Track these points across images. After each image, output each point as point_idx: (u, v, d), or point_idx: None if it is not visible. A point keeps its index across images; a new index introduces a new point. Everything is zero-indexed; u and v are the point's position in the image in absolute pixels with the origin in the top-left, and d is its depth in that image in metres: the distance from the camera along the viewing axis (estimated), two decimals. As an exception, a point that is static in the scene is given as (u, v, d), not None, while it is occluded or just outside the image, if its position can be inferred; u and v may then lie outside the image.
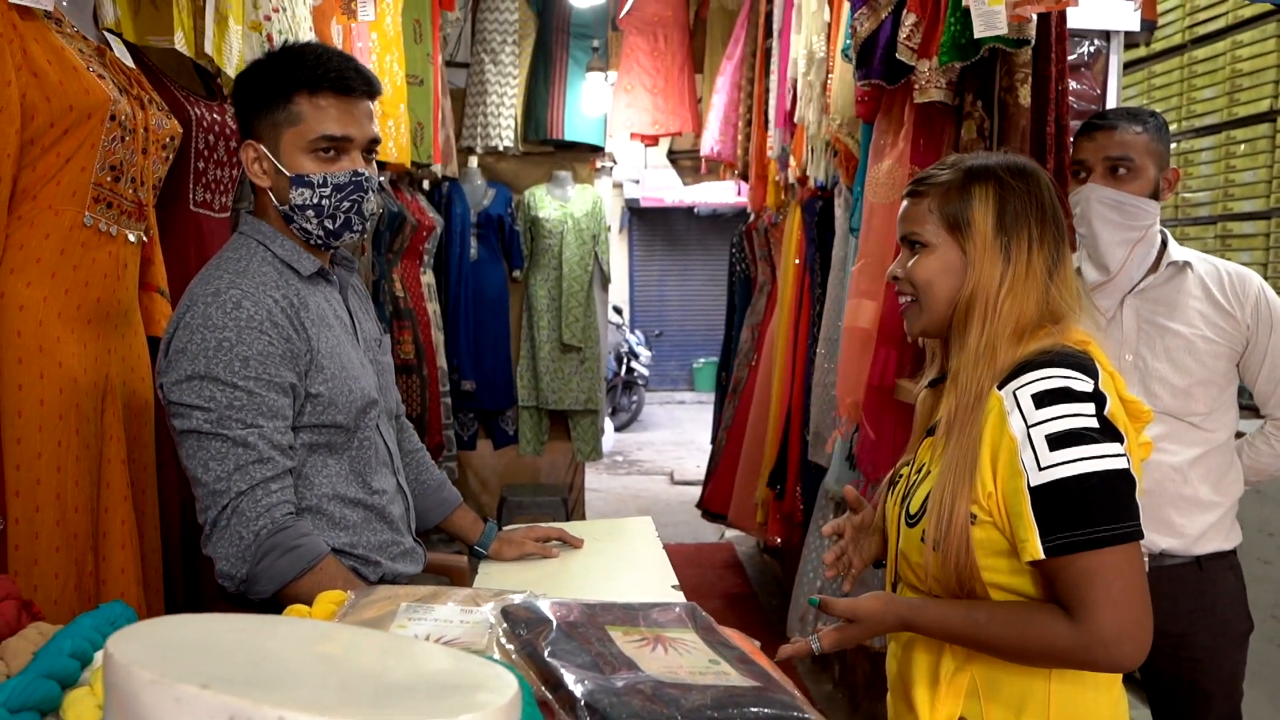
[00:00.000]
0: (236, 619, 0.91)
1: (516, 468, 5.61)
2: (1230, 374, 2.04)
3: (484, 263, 5.32)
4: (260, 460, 1.46)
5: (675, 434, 11.05)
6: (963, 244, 1.35)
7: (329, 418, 1.56)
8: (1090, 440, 1.19)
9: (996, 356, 1.30)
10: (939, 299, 1.37)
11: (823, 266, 3.56)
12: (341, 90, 1.55)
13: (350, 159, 1.58)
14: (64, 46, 1.59)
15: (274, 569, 1.46)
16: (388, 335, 1.83)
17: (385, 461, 1.68)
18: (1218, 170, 4.13)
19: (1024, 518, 1.21)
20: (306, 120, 1.54)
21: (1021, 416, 1.22)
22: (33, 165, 1.57)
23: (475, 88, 5.25)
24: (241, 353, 1.46)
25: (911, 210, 1.41)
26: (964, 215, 1.35)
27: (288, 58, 1.57)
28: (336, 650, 0.77)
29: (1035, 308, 1.32)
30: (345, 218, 1.59)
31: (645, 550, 2.01)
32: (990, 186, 1.35)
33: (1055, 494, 1.19)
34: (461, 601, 1.16)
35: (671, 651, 1.05)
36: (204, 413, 1.45)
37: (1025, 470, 1.21)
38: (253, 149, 1.58)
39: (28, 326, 1.56)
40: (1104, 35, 2.93)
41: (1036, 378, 1.24)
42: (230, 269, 1.53)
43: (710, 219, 13.63)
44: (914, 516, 1.36)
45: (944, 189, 1.37)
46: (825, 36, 3.20)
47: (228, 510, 1.45)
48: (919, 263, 1.39)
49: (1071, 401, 1.21)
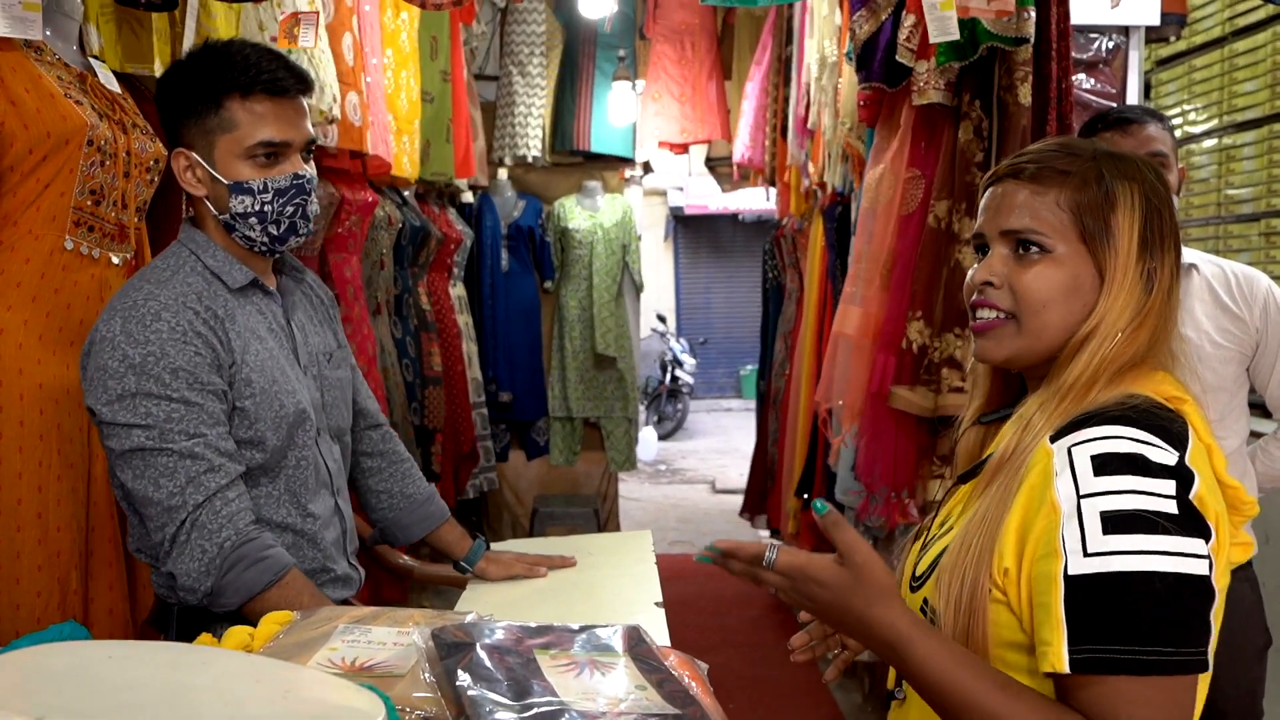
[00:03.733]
0: (122, 647, 0.91)
1: (549, 478, 5.62)
2: (1240, 379, 1.96)
3: (515, 274, 5.35)
4: (212, 469, 1.43)
5: (720, 442, 11.00)
6: (1100, 260, 1.05)
7: (255, 433, 1.50)
8: (1161, 529, 0.90)
9: (1079, 400, 1.02)
10: (1053, 325, 1.06)
11: (843, 273, 3.51)
12: (276, 92, 1.48)
13: (290, 162, 1.51)
14: (41, 74, 1.63)
15: (240, 581, 1.43)
16: (345, 348, 1.77)
17: (325, 482, 1.63)
18: (1260, 166, 4.00)
19: (1051, 613, 0.93)
20: (241, 126, 1.48)
21: (1073, 480, 0.94)
22: (12, 191, 1.60)
23: (504, 100, 5.29)
24: (169, 364, 1.42)
25: (1026, 200, 1.08)
26: (1105, 222, 1.05)
27: (213, 58, 1.49)
28: (206, 680, 0.77)
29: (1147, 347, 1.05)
30: (290, 222, 1.53)
31: (636, 566, 1.98)
32: (1137, 190, 1.06)
33: (1100, 590, 0.90)
34: (398, 623, 1.15)
35: (596, 675, 1.02)
36: (144, 430, 1.41)
37: (1065, 551, 0.92)
38: (184, 157, 1.51)
39: (7, 350, 1.59)
40: (1123, 31, 2.86)
41: (1102, 434, 0.96)
42: (152, 279, 1.48)
43: (755, 225, 13.56)
44: (918, 579, 1.10)
45: (1078, 182, 1.07)
46: (836, 40, 3.16)
47: (186, 525, 1.42)
48: (1038, 273, 1.06)
49: (1144, 474, 0.92)
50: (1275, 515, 2.65)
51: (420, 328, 4.23)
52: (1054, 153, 1.10)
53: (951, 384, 2.26)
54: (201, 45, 1.55)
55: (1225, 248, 3.98)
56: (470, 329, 4.93)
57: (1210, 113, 4.19)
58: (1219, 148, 4.12)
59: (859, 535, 1.00)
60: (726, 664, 4.08)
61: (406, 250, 4.04)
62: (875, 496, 2.31)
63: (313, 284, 1.75)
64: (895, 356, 2.21)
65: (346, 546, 1.69)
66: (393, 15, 3.52)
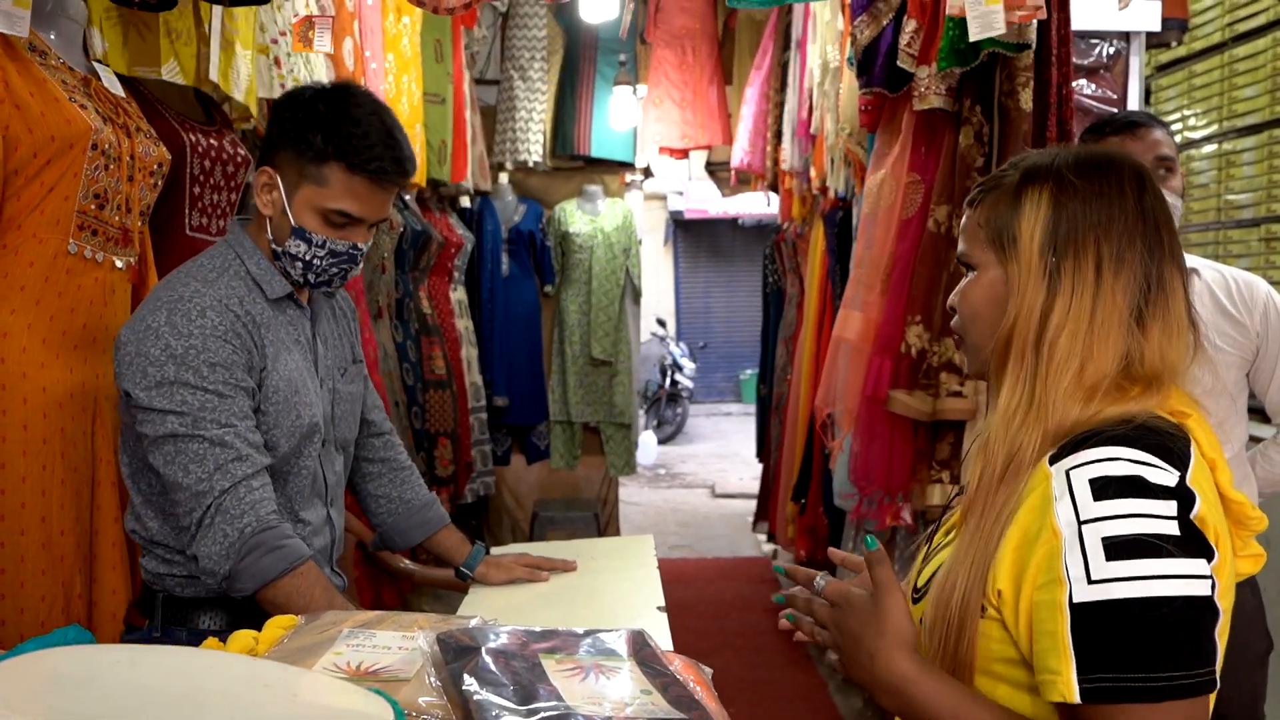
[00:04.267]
0: (131, 651, 0.91)
1: (549, 482, 5.62)
2: (1241, 384, 1.97)
3: (515, 278, 5.35)
4: (239, 458, 1.48)
5: (720, 446, 11.00)
6: (1005, 264, 1.07)
7: (270, 438, 1.56)
8: (1164, 553, 0.90)
9: (1048, 417, 1.00)
10: (982, 334, 1.10)
11: (843, 277, 3.52)
12: (376, 179, 1.55)
13: (356, 232, 1.59)
14: (46, 78, 1.63)
15: (256, 567, 1.47)
16: (360, 363, 1.81)
17: (319, 492, 1.68)
18: (1261, 171, 4.00)
19: (1058, 641, 0.92)
20: (331, 189, 1.54)
21: (1073, 506, 0.93)
22: (17, 195, 1.60)
23: (505, 104, 5.29)
24: (208, 359, 1.48)
25: (966, 224, 1.13)
26: (1009, 228, 1.06)
27: (340, 119, 1.53)
28: (215, 685, 0.77)
29: (1113, 357, 1.01)
30: (329, 278, 1.62)
31: (639, 570, 1.98)
32: (1045, 189, 1.05)
33: (1107, 619, 0.90)
34: (403, 627, 1.15)
35: (602, 680, 1.02)
36: (178, 416, 1.46)
37: (1068, 579, 0.91)
38: (267, 175, 1.57)
39: (10, 353, 1.59)
40: (1124, 36, 2.87)
41: (1101, 457, 0.94)
42: (199, 277, 1.55)
43: (754, 230, 13.57)
44: (918, 592, 1.12)
45: (997, 195, 1.09)
46: (838, 45, 3.17)
47: (211, 509, 1.46)
48: (968, 290, 1.12)
49: (1144, 496, 0.92)
50: (1275, 521, 2.64)
51: (421, 331, 4.23)
52: (996, 174, 1.12)
53: (950, 388, 2.26)
54: (338, 91, 1.58)
55: (1225, 253, 3.99)
56: (470, 333, 4.93)
57: (1210, 118, 4.19)
58: (1219, 153, 4.13)
59: (895, 577, 1.03)
60: (726, 668, 4.08)
61: (407, 254, 4.04)
62: (869, 500, 2.32)
63: (340, 296, 1.80)
64: (893, 360, 2.22)
65: (332, 555, 1.74)
66: (394, 20, 3.52)
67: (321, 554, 1.68)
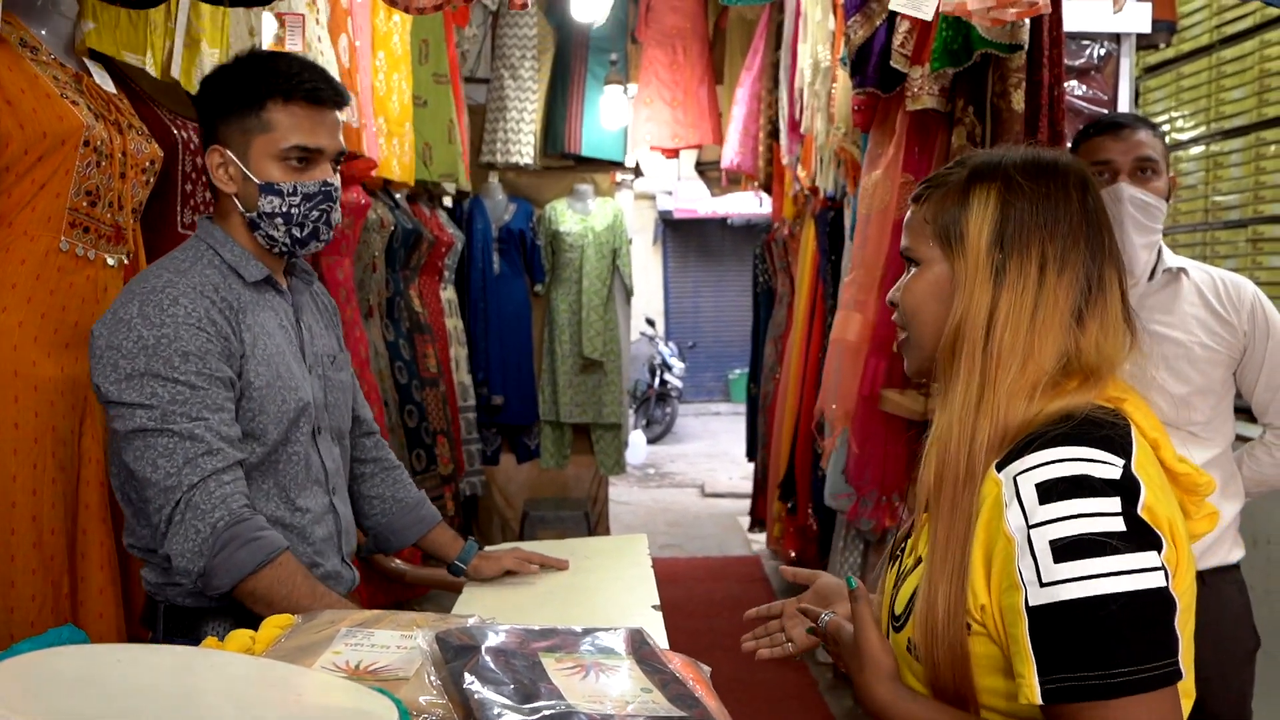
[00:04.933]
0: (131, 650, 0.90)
1: (540, 482, 5.61)
2: (1228, 382, 1.98)
3: (506, 278, 5.34)
4: (209, 452, 1.44)
5: (709, 445, 11.00)
6: (952, 260, 1.08)
7: (258, 425, 1.54)
8: (1110, 550, 0.91)
9: (995, 416, 1.01)
10: (928, 329, 1.11)
11: (834, 277, 3.52)
12: (314, 100, 1.55)
13: (320, 169, 1.58)
14: (38, 74, 1.62)
15: (231, 561, 1.43)
16: (346, 353, 1.80)
17: (318, 479, 1.65)
18: (1248, 172, 4.03)
19: (1020, 644, 0.93)
20: (279, 128, 1.54)
21: (1021, 511, 0.95)
22: (8, 192, 1.59)
23: (495, 103, 5.28)
24: (180, 348, 1.45)
25: (910, 219, 1.15)
26: (957, 224, 1.07)
27: (260, 64, 1.57)
28: (218, 684, 0.77)
29: (1053, 354, 1.02)
30: (314, 227, 1.59)
31: (633, 569, 1.98)
32: (993, 189, 1.07)
33: (1059, 619, 0.91)
34: (402, 627, 1.15)
35: (603, 678, 1.02)
36: (147, 410, 1.43)
37: (1023, 584, 0.93)
38: (219, 154, 1.56)
39: (2, 351, 1.58)
40: (1114, 38, 2.88)
41: (1044, 460, 0.95)
42: (170, 268, 1.53)
43: (744, 229, 13.58)
44: (898, 619, 1.10)
45: (944, 192, 1.11)
46: (830, 45, 3.18)
47: (181, 505, 1.43)
48: (910, 284, 1.13)
49: (1088, 495, 0.93)
50: (1263, 518, 2.66)
51: (414, 330, 4.22)
52: (942, 171, 1.14)
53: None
54: (249, 52, 1.62)
55: (1212, 254, 4.01)
56: (460, 333, 4.92)
57: (1198, 120, 4.22)
58: (1206, 154, 4.15)
59: (870, 612, 1.09)
60: (717, 667, 4.04)
61: (398, 253, 4.03)
62: (865, 499, 2.32)
63: (318, 289, 1.79)
64: (886, 360, 2.22)
65: (342, 545, 1.70)
66: (384, 18, 3.51)
67: (328, 543, 1.66)
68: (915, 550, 1.12)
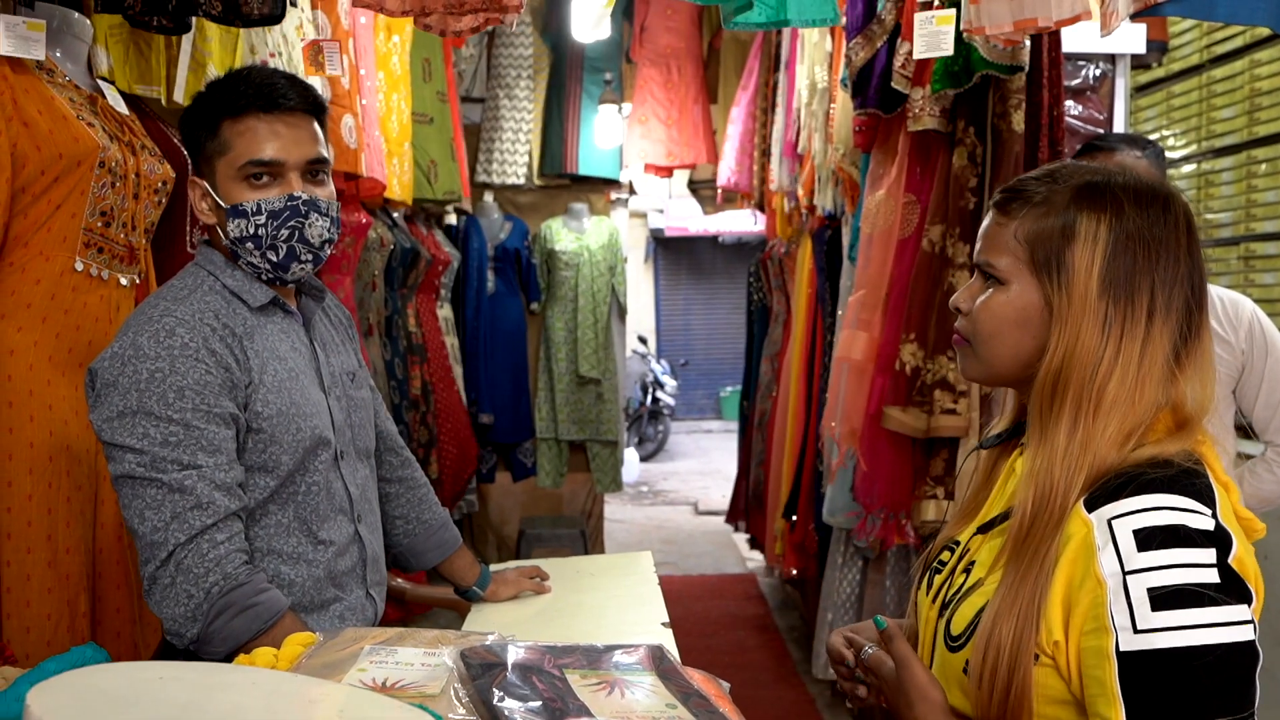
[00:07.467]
0: (169, 668, 0.91)
1: (536, 500, 5.61)
2: (1227, 400, 2.00)
3: (501, 296, 5.35)
4: (198, 506, 1.35)
5: (701, 463, 11.00)
6: (1049, 292, 1.03)
7: (270, 456, 1.46)
8: (1208, 601, 0.91)
9: (1095, 462, 1.00)
10: (1003, 356, 1.07)
11: (833, 296, 3.54)
12: (265, 108, 1.45)
13: (285, 183, 1.47)
14: (54, 96, 1.63)
15: (227, 630, 1.36)
16: (365, 368, 1.73)
17: (342, 508, 1.57)
18: (1239, 191, 4.08)
19: (1106, 688, 0.93)
20: (235, 147, 1.45)
21: (1117, 556, 0.94)
22: (24, 213, 1.60)
23: (490, 122, 5.31)
24: (175, 383, 1.36)
25: (992, 229, 1.08)
26: (1060, 254, 1.02)
27: (215, 85, 1.50)
28: (259, 701, 0.78)
29: (1153, 401, 1.00)
30: (288, 247, 1.48)
31: (640, 586, 1.99)
32: (1104, 219, 1.01)
33: (1154, 667, 0.91)
34: (425, 644, 1.16)
35: (629, 695, 1.04)
36: (136, 455, 1.35)
37: (1114, 628, 0.93)
38: (196, 185, 1.50)
39: (18, 370, 1.59)
40: (1109, 59, 2.92)
41: (1142, 506, 0.95)
42: (169, 297, 1.45)
43: (735, 247, 13.64)
44: (956, 640, 1.07)
45: (1042, 209, 1.04)
46: (828, 66, 3.21)
47: (170, 565, 1.35)
48: (989, 303, 1.07)
49: (1185, 546, 0.93)
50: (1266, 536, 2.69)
51: (408, 350, 4.23)
52: (1034, 180, 1.08)
53: (944, 405, 2.29)
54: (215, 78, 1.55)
55: (1206, 272, 4.05)
56: (456, 350, 4.92)
57: (1189, 138, 4.27)
58: (1198, 173, 4.20)
59: (909, 648, 1.08)
60: (715, 685, 4.08)
61: (396, 272, 4.05)
62: (873, 517, 2.34)
63: (331, 303, 1.71)
64: (890, 378, 2.24)
65: (367, 576, 1.62)
66: (384, 38, 3.54)
67: (351, 575, 1.58)
68: (975, 571, 1.09)
